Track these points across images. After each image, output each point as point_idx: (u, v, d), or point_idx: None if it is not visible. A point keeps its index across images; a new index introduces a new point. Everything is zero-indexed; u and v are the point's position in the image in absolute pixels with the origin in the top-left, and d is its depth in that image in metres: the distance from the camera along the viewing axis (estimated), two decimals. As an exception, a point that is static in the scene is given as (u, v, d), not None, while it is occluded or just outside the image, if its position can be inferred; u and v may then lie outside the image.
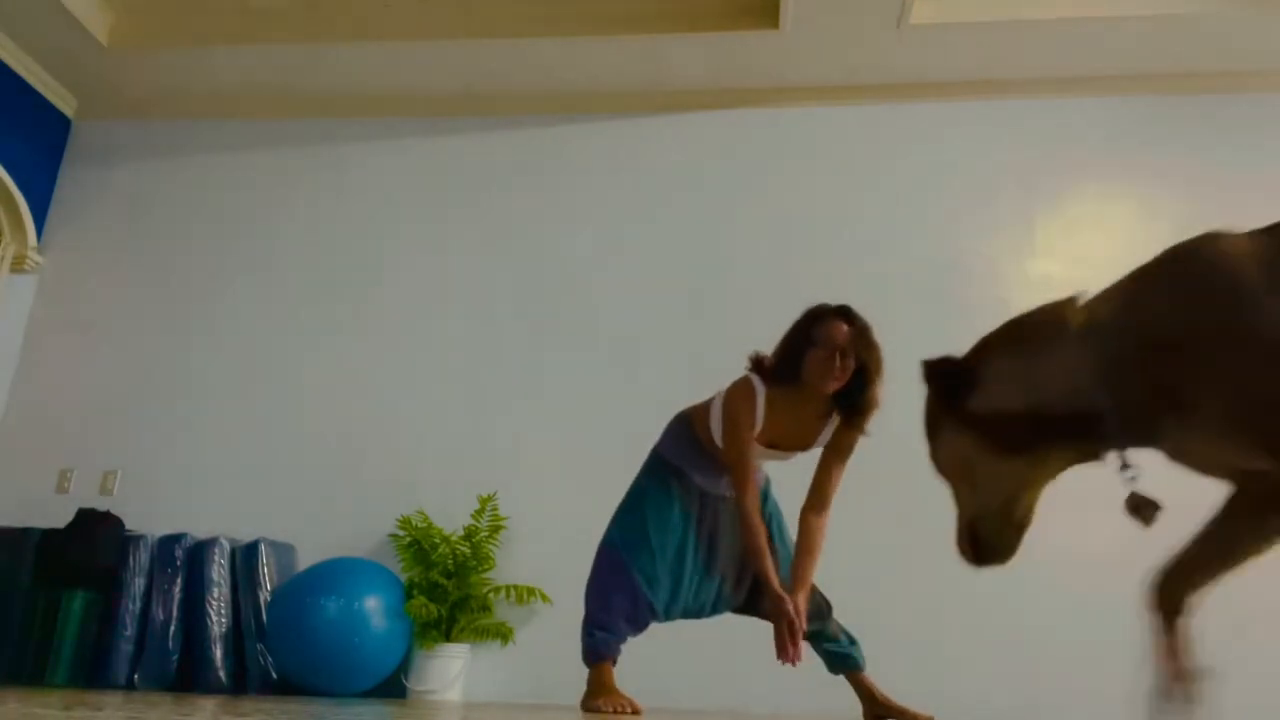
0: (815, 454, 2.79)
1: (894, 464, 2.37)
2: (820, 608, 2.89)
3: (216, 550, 4.22)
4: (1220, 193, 4.63)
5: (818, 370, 2.53)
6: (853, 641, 2.88)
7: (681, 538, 2.80)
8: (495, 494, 4.40)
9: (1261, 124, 4.71)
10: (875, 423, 2.68)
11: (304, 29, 5.02)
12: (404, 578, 4.29)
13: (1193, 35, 4.52)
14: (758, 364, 2.69)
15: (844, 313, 2.58)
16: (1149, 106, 4.80)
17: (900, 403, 2.58)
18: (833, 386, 2.55)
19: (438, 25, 4.93)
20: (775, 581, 2.58)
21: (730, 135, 5.07)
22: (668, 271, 4.86)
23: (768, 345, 2.74)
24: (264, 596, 4.19)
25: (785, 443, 2.69)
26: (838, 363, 2.52)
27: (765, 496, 2.93)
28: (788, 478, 2.96)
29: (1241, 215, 5.00)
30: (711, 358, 3.11)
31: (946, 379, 1.77)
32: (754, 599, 2.87)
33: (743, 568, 2.84)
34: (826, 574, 2.96)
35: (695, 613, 2.89)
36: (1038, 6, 4.51)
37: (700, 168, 5.05)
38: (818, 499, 2.73)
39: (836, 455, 2.73)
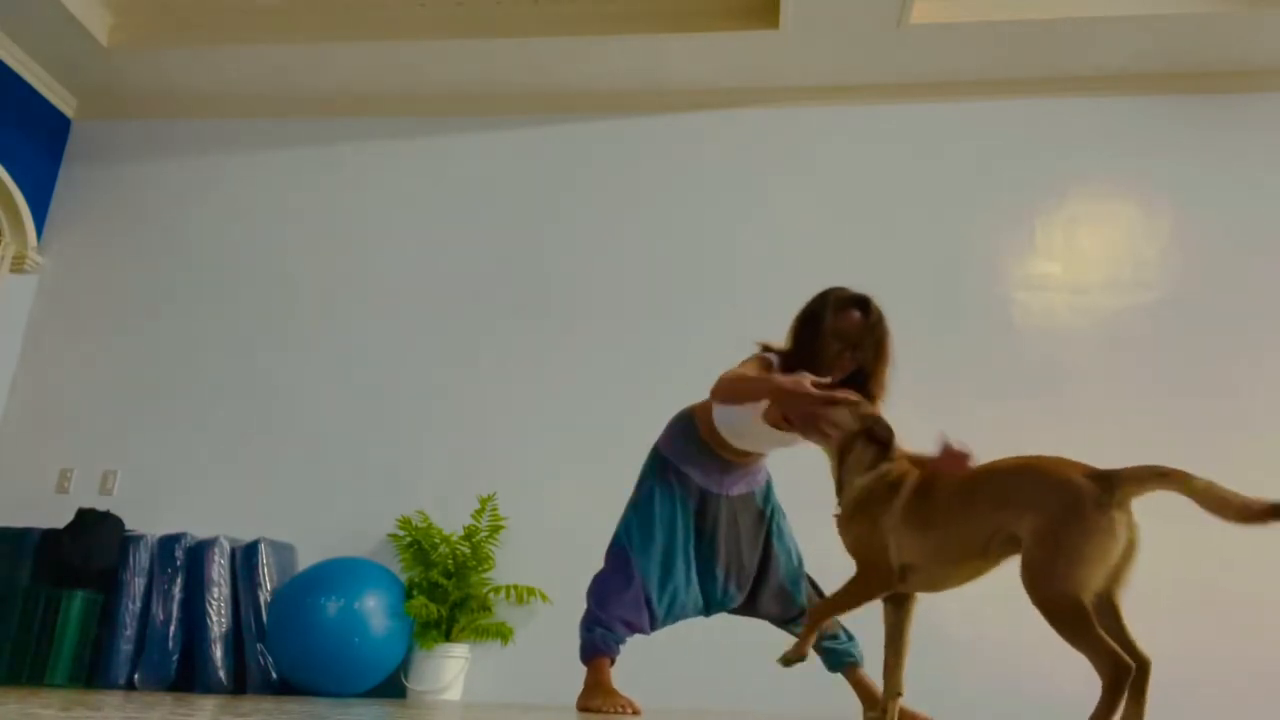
0: (816, 460, 2.77)
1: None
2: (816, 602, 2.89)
3: (216, 550, 4.22)
4: (1220, 193, 4.63)
5: (829, 363, 2.48)
6: (851, 638, 2.88)
7: (684, 537, 2.80)
8: (495, 494, 4.40)
9: (1261, 124, 4.71)
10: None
11: (304, 29, 5.03)
12: (404, 578, 4.29)
13: (1193, 35, 4.52)
14: (768, 349, 2.63)
15: (860, 302, 2.51)
16: (1149, 106, 4.80)
17: (900, 400, 2.58)
18: (836, 376, 2.52)
19: (438, 25, 4.93)
20: (793, 382, 2.35)
21: (730, 135, 5.07)
22: (668, 271, 4.86)
23: (757, 340, 2.72)
24: (264, 596, 4.19)
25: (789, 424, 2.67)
26: (848, 355, 2.49)
27: (767, 494, 2.92)
28: (790, 478, 2.96)
29: (1241, 215, 5.01)
30: (711, 357, 3.10)
31: None
32: (755, 599, 2.87)
33: (743, 568, 2.84)
34: (825, 572, 2.96)
35: (696, 613, 2.88)
36: (1038, 6, 4.51)
37: (700, 168, 5.05)
38: None
39: None
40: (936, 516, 1.98)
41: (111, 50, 5.12)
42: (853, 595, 2.11)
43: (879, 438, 2.20)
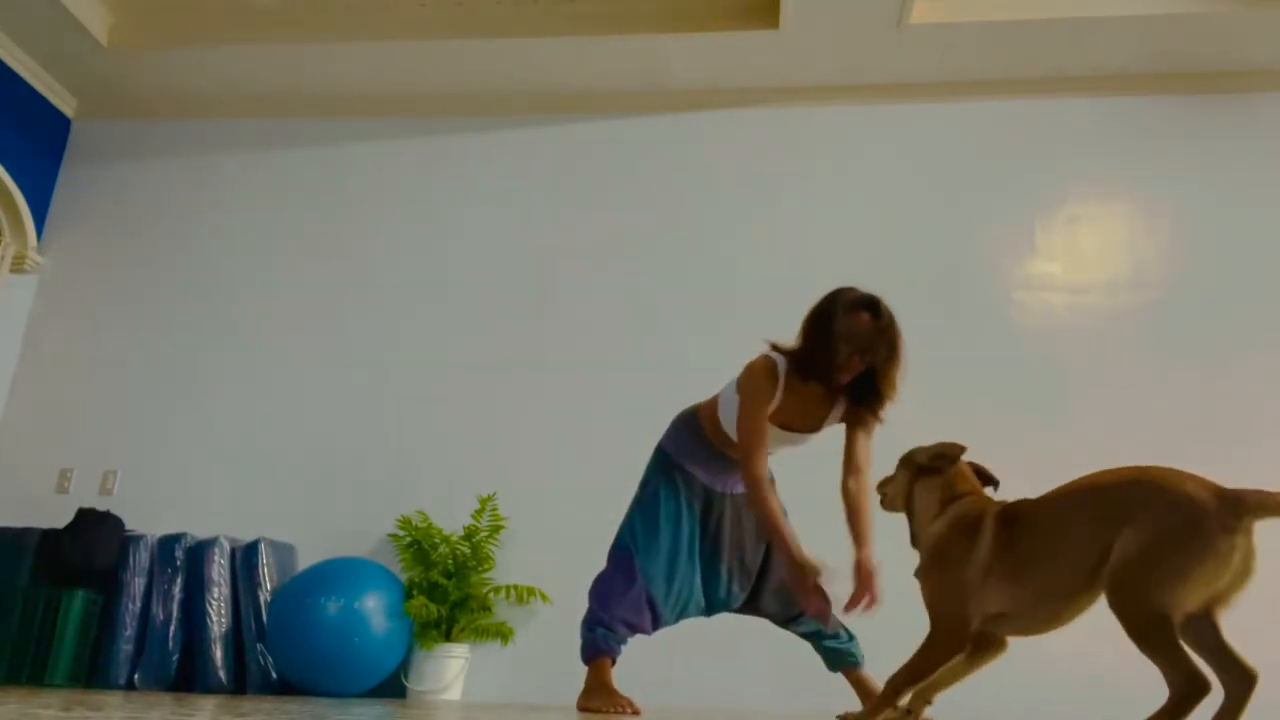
0: (819, 460, 2.78)
1: (893, 460, 2.36)
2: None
3: (216, 550, 4.22)
4: (1220, 192, 4.63)
5: (839, 366, 2.48)
6: (851, 638, 2.88)
7: (689, 536, 2.80)
8: (495, 494, 4.40)
9: (1261, 124, 4.71)
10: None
11: (304, 29, 5.03)
12: (404, 578, 4.29)
13: (1193, 35, 4.52)
14: (777, 348, 2.63)
15: (870, 304, 2.50)
16: (1149, 106, 4.80)
17: (899, 400, 2.58)
18: (845, 378, 2.53)
19: (438, 25, 4.93)
20: (793, 549, 2.53)
21: (730, 135, 5.07)
22: (668, 270, 4.86)
23: (765, 339, 2.72)
24: (264, 596, 4.19)
25: (797, 424, 2.66)
26: (857, 359, 2.48)
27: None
28: (792, 476, 2.96)
29: (1241, 214, 5.01)
30: (712, 357, 3.11)
31: None
32: (756, 598, 2.87)
33: (746, 567, 2.84)
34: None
35: (698, 612, 2.89)
36: (1038, 6, 4.51)
37: (700, 168, 5.05)
38: (851, 465, 2.66)
39: (861, 428, 2.66)
40: (1035, 556, 1.81)
41: (111, 50, 5.11)
42: (929, 659, 1.92)
43: (937, 467, 2.08)
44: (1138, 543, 1.62)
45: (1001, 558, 1.85)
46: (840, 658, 2.86)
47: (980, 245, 4.72)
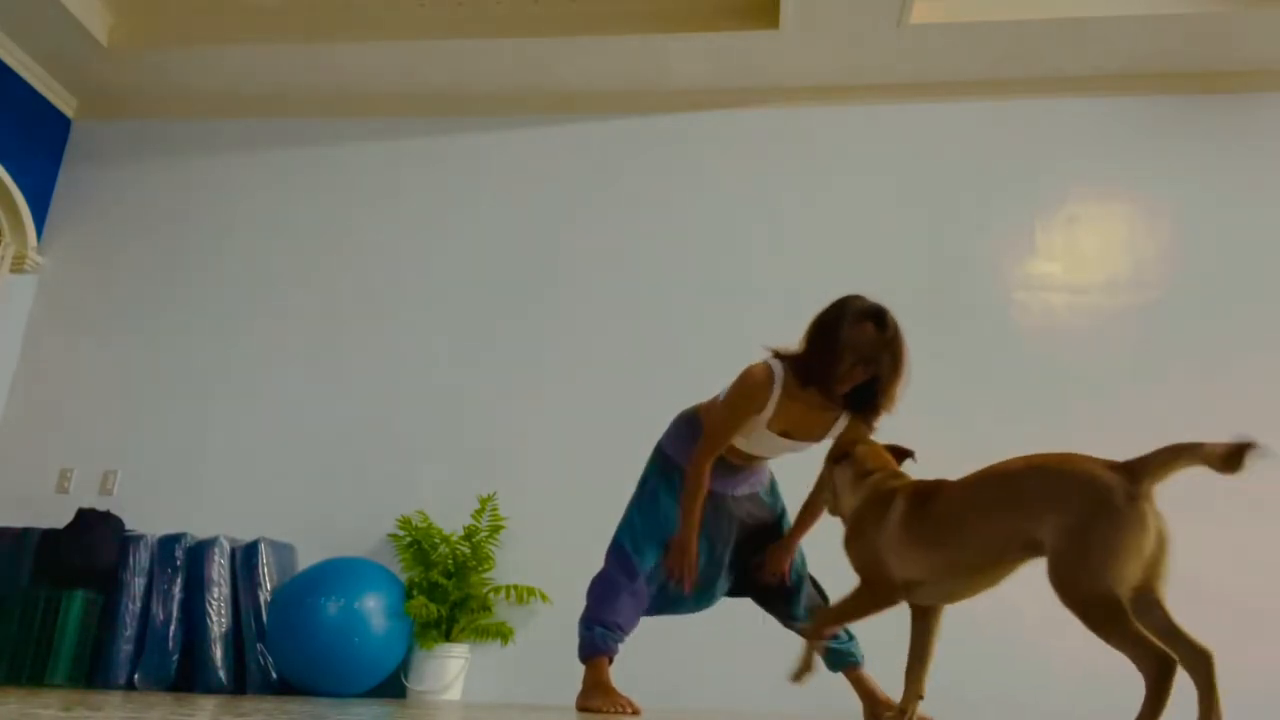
0: (817, 461, 2.78)
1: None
2: (818, 603, 2.89)
3: (216, 550, 4.22)
4: (1220, 192, 4.63)
5: (841, 375, 2.47)
6: (851, 638, 2.88)
7: None
8: (495, 494, 4.40)
9: (1261, 124, 4.71)
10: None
11: (304, 29, 5.03)
12: (404, 578, 4.29)
13: (1193, 35, 4.52)
14: (779, 354, 2.62)
15: (876, 315, 2.47)
16: (1149, 106, 4.80)
17: (899, 400, 2.58)
18: (845, 388, 2.51)
19: (438, 25, 4.94)
20: (693, 539, 2.71)
21: (730, 135, 5.07)
22: (668, 271, 4.86)
23: (767, 345, 2.72)
24: (264, 596, 4.19)
25: (798, 432, 2.66)
26: (860, 369, 2.47)
27: (773, 493, 2.93)
28: (792, 478, 2.96)
29: (1240, 214, 5.00)
30: (712, 357, 3.11)
31: None
32: (742, 581, 2.87)
33: (736, 556, 2.84)
34: (824, 570, 2.97)
35: (699, 608, 2.89)
36: (1038, 6, 4.51)
37: (700, 168, 5.05)
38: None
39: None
40: (943, 531, 1.93)
41: (111, 50, 5.12)
42: (854, 607, 2.12)
43: (846, 454, 2.31)
44: (1063, 530, 1.69)
45: (911, 527, 1.98)
46: (840, 658, 2.86)
47: (980, 245, 4.72)
